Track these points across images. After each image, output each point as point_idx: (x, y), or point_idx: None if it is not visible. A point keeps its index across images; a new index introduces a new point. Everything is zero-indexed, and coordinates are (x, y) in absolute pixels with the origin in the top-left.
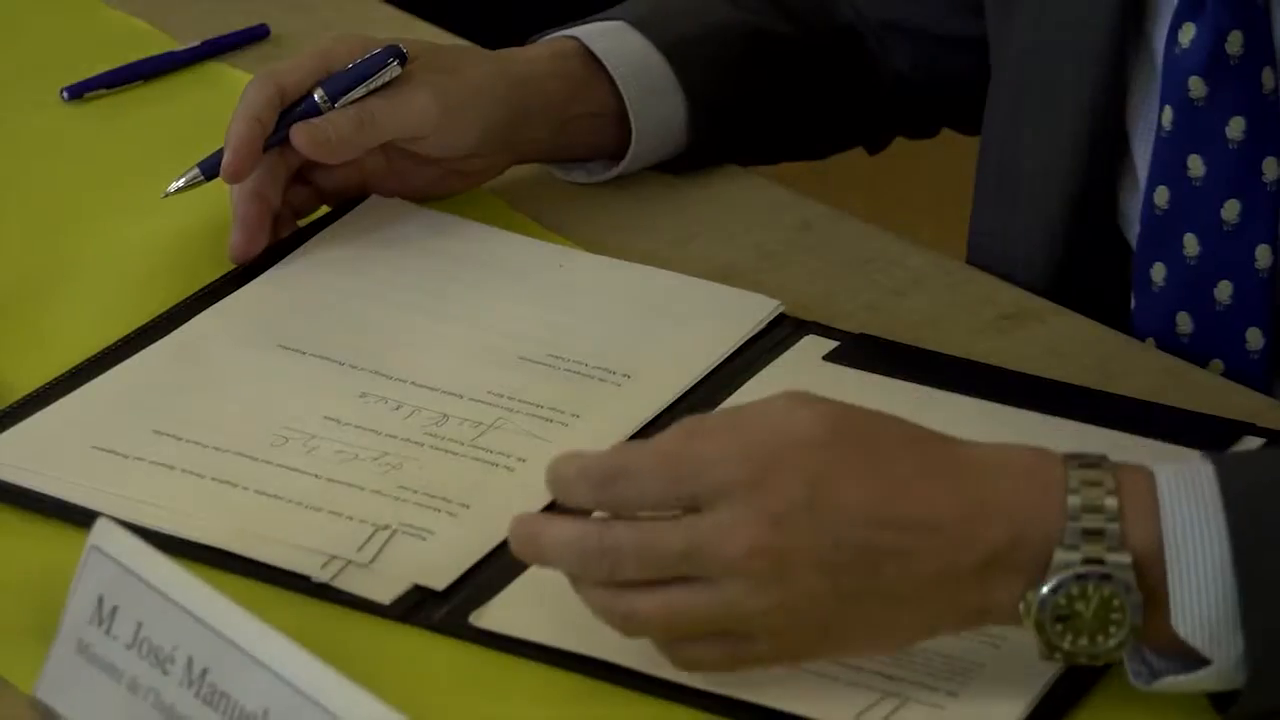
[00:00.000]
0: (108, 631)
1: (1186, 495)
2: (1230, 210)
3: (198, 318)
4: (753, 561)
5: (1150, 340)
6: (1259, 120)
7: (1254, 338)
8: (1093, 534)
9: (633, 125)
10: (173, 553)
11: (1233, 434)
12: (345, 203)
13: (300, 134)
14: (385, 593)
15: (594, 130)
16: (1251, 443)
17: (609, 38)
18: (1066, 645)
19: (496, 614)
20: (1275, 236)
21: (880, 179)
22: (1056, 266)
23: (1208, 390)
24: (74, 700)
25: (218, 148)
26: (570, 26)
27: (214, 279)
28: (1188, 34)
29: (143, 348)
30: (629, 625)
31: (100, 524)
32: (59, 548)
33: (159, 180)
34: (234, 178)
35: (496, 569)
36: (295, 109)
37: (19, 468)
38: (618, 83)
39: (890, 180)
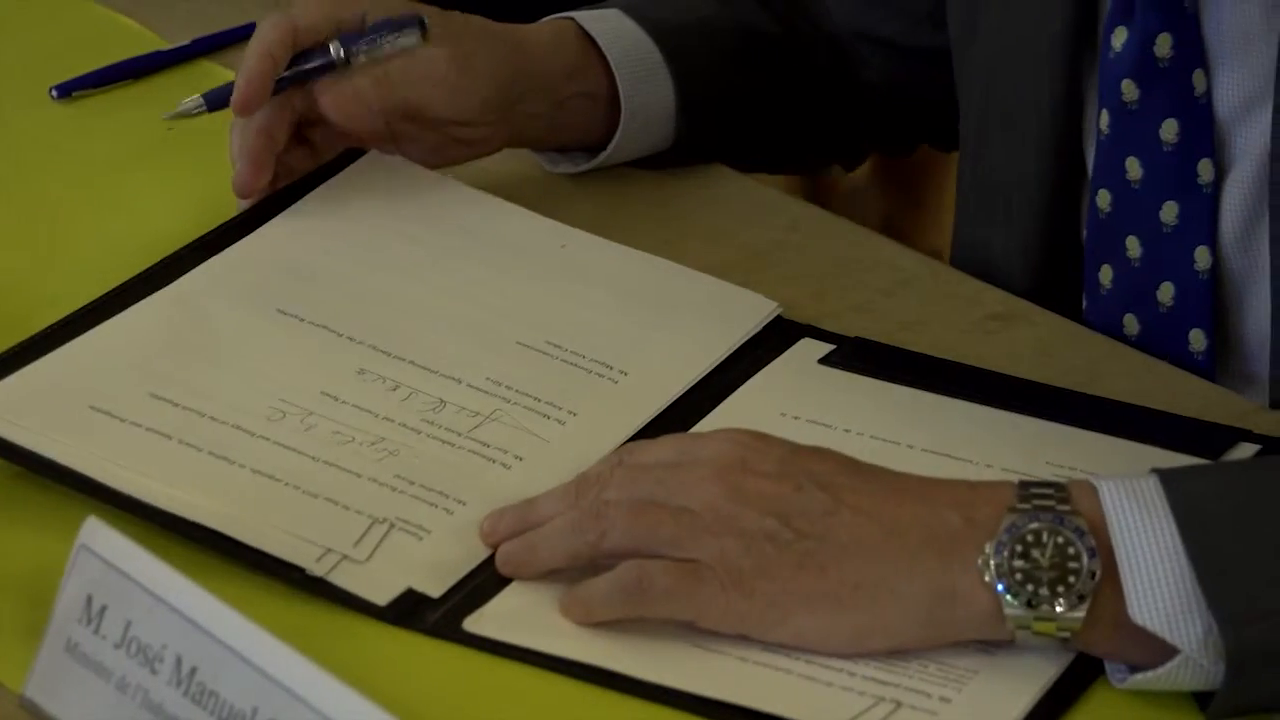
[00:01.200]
0: (96, 630)
1: (1130, 500)
2: (1168, 212)
3: (194, 271)
4: (721, 475)
5: None
6: (1191, 123)
7: (1197, 339)
8: (1043, 506)
9: (623, 105)
10: (168, 530)
11: (1226, 440)
12: (344, 154)
13: (326, 93)
14: (381, 594)
15: (587, 111)
16: (1246, 449)
17: (604, 22)
18: (1030, 599)
19: (490, 619)
20: (1214, 238)
21: (867, 180)
22: (1034, 274)
23: (1195, 393)
24: (63, 699)
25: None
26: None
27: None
28: (1120, 38)
29: (138, 299)
30: (598, 522)
31: (89, 523)
32: (48, 547)
33: (147, 179)
34: (244, 109)
35: (491, 573)
36: (309, 54)
37: (14, 423)
38: (611, 64)
39: (876, 182)
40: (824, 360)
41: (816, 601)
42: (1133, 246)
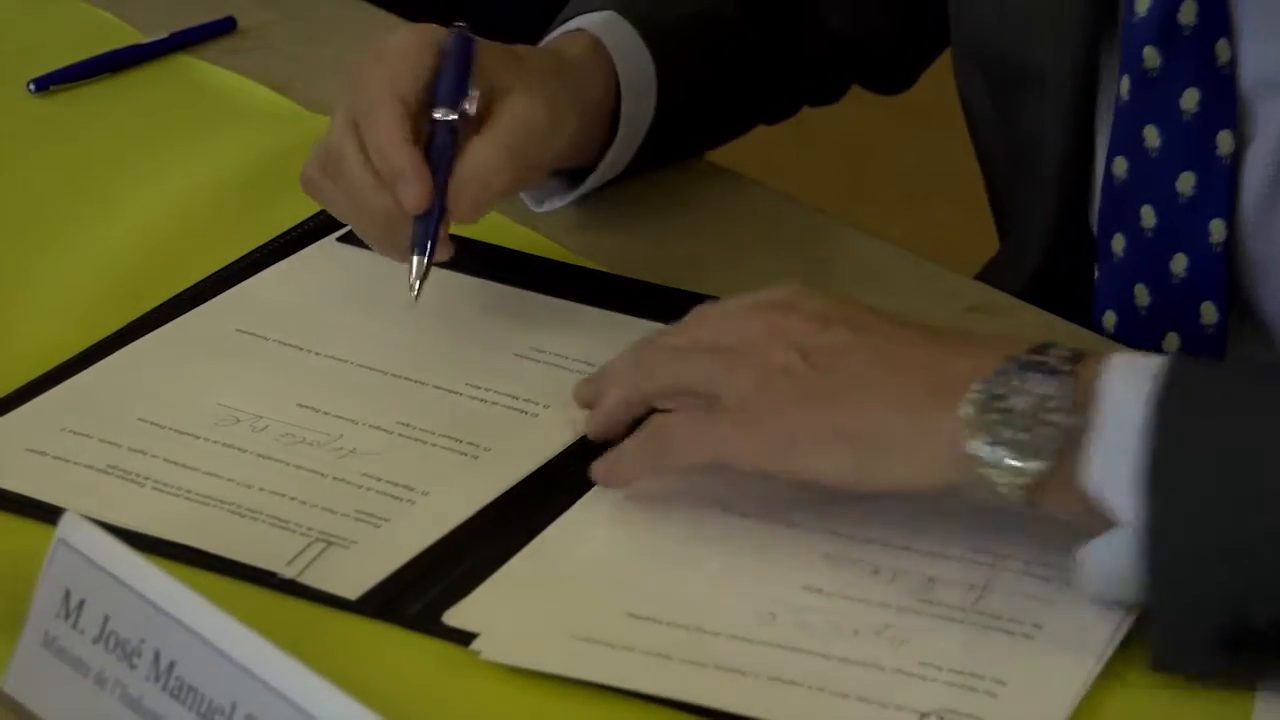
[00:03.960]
0: (74, 625)
1: (1130, 369)
2: (1185, 183)
3: (140, 340)
4: (763, 312)
5: (1109, 314)
6: (1213, 93)
7: (1208, 312)
8: (1042, 361)
9: (621, 123)
10: (137, 548)
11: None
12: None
13: (467, 193)
14: (352, 588)
15: (594, 128)
16: None
17: (612, 33)
18: (996, 440)
19: (469, 612)
20: (1230, 211)
21: (848, 174)
22: (1051, 236)
23: None
24: (41, 694)
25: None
26: (568, 20)
27: (174, 276)
28: (1143, 3)
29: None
30: (646, 366)
31: (67, 518)
32: (25, 541)
33: (125, 173)
34: (420, 205)
35: (470, 566)
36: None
37: None
38: (620, 84)
39: (857, 176)
40: None
41: (819, 434)
42: (1147, 216)
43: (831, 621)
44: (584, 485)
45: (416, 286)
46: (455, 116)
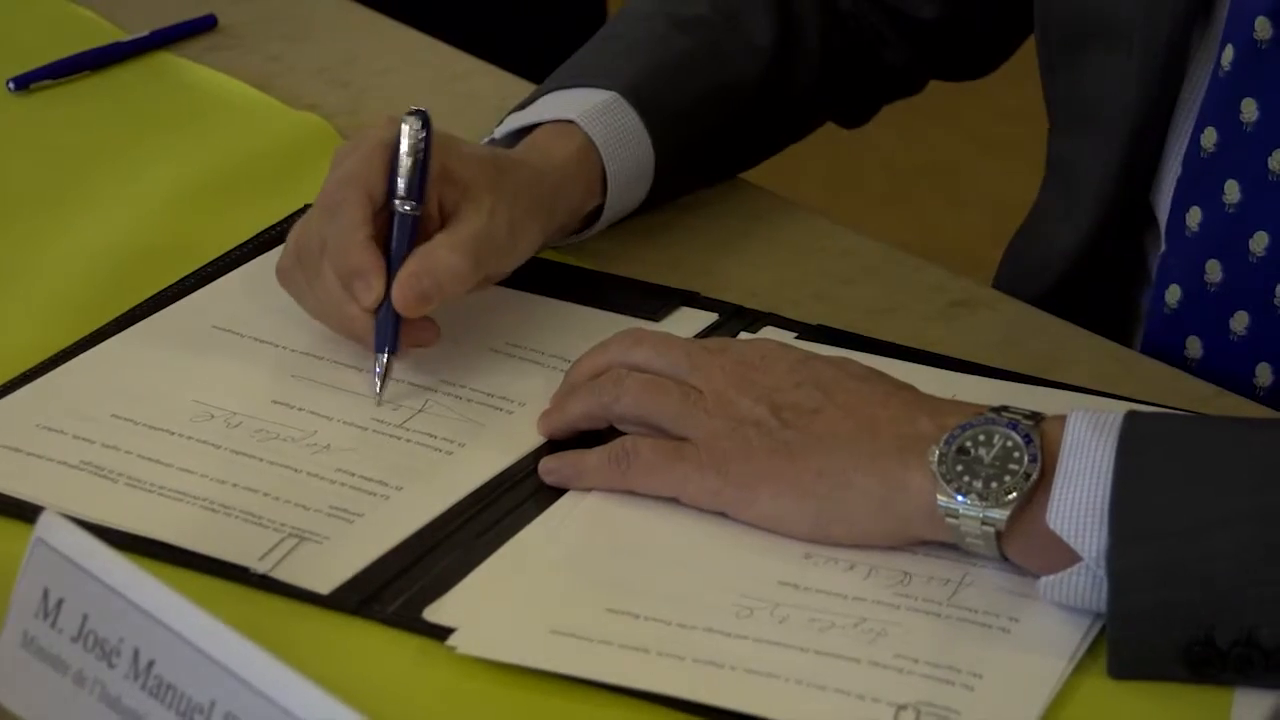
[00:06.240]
0: (53, 624)
1: (1090, 423)
2: (1279, 160)
3: (115, 337)
4: (736, 366)
5: (1174, 288)
6: None
7: None
8: (1007, 418)
9: (604, 212)
10: (118, 547)
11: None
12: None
13: (420, 301)
14: (324, 583)
15: (578, 217)
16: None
17: (609, 121)
18: (962, 488)
19: (451, 608)
20: None
21: (832, 170)
22: (1112, 203)
23: (1155, 379)
24: (20, 693)
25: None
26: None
27: (155, 273)
28: None
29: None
30: (615, 387)
31: (45, 517)
32: (3, 540)
33: (106, 171)
34: (375, 304)
35: (449, 563)
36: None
37: None
38: (608, 183)
39: (841, 169)
40: None
41: (782, 486)
42: (1231, 190)
43: (808, 615)
44: None
45: (379, 386)
46: (419, 210)
